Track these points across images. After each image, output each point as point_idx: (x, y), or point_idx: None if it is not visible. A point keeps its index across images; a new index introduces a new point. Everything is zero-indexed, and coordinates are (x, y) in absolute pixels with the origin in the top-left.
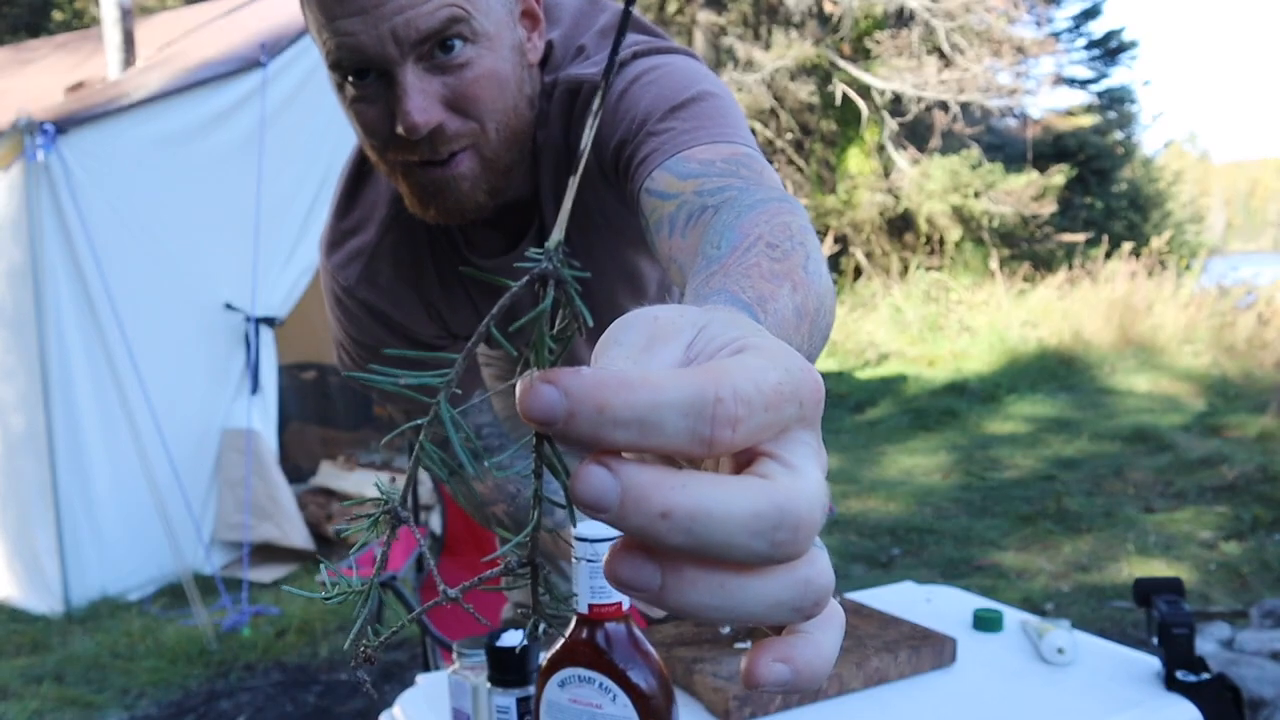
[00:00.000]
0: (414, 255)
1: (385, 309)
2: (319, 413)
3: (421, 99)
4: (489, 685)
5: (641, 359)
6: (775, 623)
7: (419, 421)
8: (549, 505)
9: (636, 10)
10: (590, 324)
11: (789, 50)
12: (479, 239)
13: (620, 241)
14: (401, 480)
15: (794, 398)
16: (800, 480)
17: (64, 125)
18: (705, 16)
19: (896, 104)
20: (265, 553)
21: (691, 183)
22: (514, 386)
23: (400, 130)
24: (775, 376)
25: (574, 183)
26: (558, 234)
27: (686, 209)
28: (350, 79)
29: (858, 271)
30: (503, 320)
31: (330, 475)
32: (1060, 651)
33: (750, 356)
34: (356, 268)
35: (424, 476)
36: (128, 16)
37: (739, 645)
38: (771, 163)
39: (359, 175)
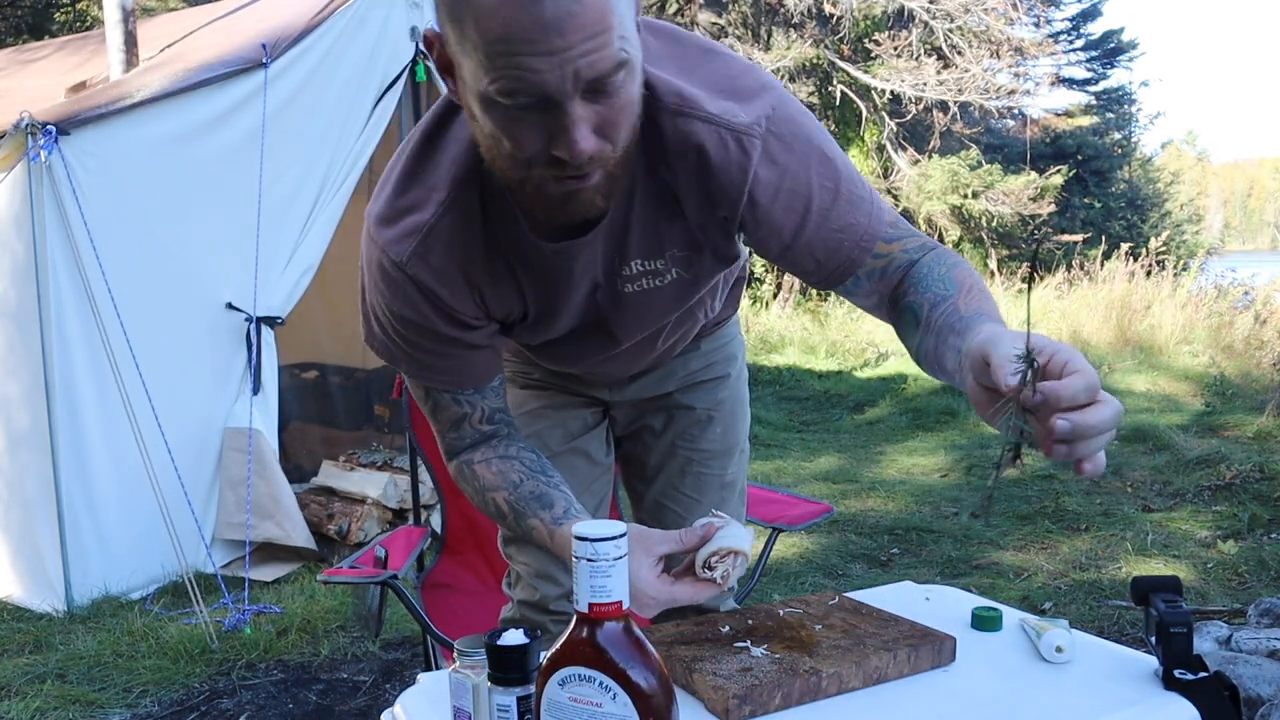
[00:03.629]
0: (466, 238)
1: (434, 286)
2: (320, 412)
3: (586, 129)
4: (489, 684)
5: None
6: None
7: None
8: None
9: (715, 42)
10: None
11: (789, 51)
12: (545, 223)
13: (719, 266)
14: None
15: None
16: None
17: (66, 126)
18: (705, 17)
19: (896, 105)
20: (266, 552)
21: (896, 245)
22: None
23: (562, 155)
24: None
25: None
26: None
27: (895, 263)
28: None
29: None
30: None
31: (331, 475)
32: (1059, 650)
33: None
34: (411, 244)
35: (424, 476)
36: (130, 18)
37: (739, 644)
38: None
39: (423, 157)
